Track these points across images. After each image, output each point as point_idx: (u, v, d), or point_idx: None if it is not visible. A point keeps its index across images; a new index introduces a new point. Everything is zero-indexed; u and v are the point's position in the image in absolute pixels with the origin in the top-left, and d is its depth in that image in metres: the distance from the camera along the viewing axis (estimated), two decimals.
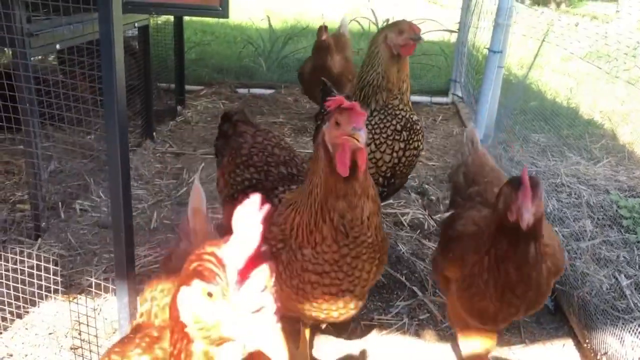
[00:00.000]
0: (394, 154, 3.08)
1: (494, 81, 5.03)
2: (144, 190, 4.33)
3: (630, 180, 4.60)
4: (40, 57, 4.74)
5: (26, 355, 2.64)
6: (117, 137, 1.99)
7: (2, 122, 3.63)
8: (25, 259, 2.54)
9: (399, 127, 3.06)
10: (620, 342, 2.56)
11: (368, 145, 2.97)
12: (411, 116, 3.12)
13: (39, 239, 3.54)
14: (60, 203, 3.95)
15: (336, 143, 1.96)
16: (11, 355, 2.64)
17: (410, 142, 3.11)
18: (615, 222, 3.76)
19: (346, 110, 1.92)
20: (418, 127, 3.16)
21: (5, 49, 4.11)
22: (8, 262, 2.59)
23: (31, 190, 3.62)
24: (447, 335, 3.00)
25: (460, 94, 6.95)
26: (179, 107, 6.01)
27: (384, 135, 3.05)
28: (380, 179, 3.12)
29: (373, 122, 3.04)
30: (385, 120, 3.04)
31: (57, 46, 3.69)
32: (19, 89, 3.34)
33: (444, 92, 7.07)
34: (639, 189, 4.36)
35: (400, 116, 3.06)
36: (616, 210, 3.91)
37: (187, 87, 6.38)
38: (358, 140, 1.89)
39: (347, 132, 1.91)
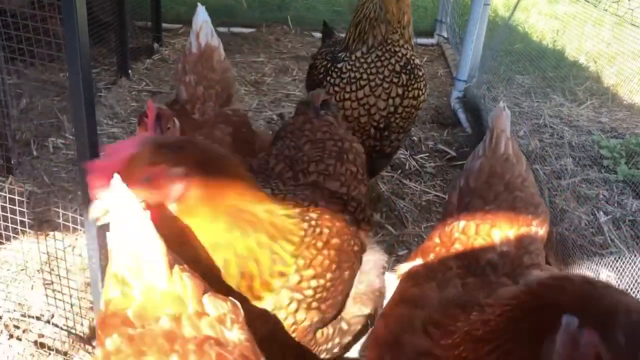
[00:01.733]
0: (390, 100, 2.82)
1: (480, 21, 4.91)
2: (119, 129, 4.22)
3: (612, 122, 4.58)
4: None
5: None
6: (81, 62, 1.86)
7: None
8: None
9: (397, 68, 2.79)
10: (596, 275, 2.58)
11: (361, 88, 2.77)
12: (412, 57, 2.84)
13: (10, 176, 3.44)
14: (32, 140, 3.83)
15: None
16: None
17: (410, 88, 2.84)
18: (596, 162, 3.75)
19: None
20: (420, 73, 2.89)
21: None
22: None
23: (0, 126, 3.49)
24: None
25: (445, 35, 6.80)
26: (155, 45, 5.80)
27: (380, 77, 2.78)
28: (372, 130, 2.90)
29: (369, 60, 2.77)
30: (382, 58, 2.77)
31: None
32: None
33: (430, 33, 6.91)
34: (621, 130, 4.35)
35: (400, 54, 2.78)
36: (597, 151, 3.89)
37: (165, 25, 6.14)
38: None
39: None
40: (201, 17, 2.84)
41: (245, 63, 5.66)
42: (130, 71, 5.08)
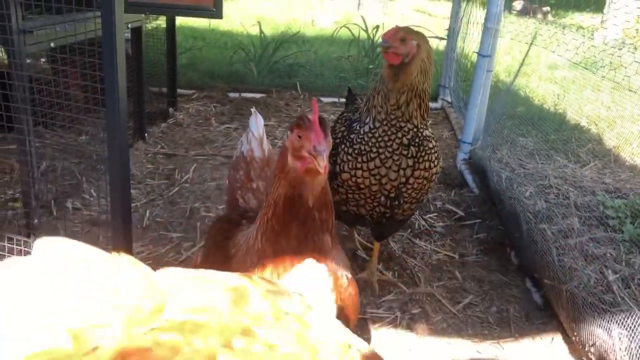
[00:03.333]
0: (401, 171, 2.85)
1: (483, 85, 5.12)
2: (136, 190, 4.34)
3: (616, 183, 4.68)
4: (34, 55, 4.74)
5: None
6: (118, 136, 2.02)
7: None
8: (21, 255, 2.54)
9: (405, 141, 2.82)
10: (608, 333, 2.61)
11: (372, 160, 2.85)
12: (421, 130, 2.86)
13: (31, 237, 3.53)
14: (52, 201, 3.95)
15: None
16: None
17: (420, 160, 2.86)
18: (602, 221, 3.83)
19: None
20: (431, 145, 2.90)
21: None
22: (3, 255, 2.60)
23: (24, 187, 3.62)
24: (439, 329, 3.04)
25: (449, 99, 7.04)
26: (170, 110, 6.03)
27: (390, 150, 2.82)
28: (383, 198, 2.94)
29: (377, 135, 2.83)
30: (389, 133, 2.81)
31: (52, 44, 3.70)
32: (12, 88, 3.35)
33: (433, 98, 7.16)
34: (625, 190, 4.44)
35: (406, 129, 2.81)
36: (602, 211, 3.97)
37: (179, 90, 6.40)
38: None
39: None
40: (260, 122, 2.75)
41: None
42: (146, 134, 5.27)
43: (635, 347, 2.47)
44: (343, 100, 5.90)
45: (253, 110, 2.83)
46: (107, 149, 2.03)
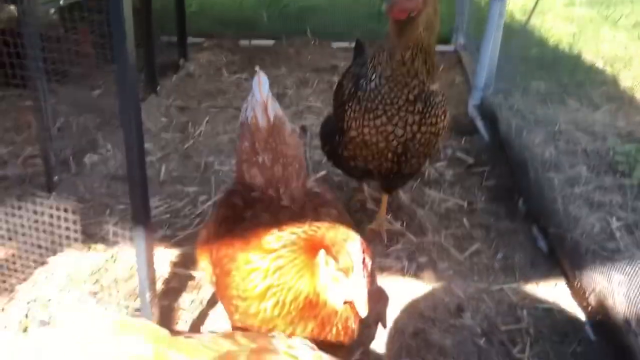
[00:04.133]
0: (408, 128, 2.88)
1: (496, 28, 5.02)
2: (150, 144, 4.43)
3: (628, 126, 4.66)
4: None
5: (49, 300, 2.82)
6: (129, 90, 2.07)
7: (7, 79, 3.71)
8: (44, 210, 2.67)
9: (411, 97, 2.84)
10: (608, 279, 2.71)
11: (379, 117, 2.86)
12: (427, 86, 2.86)
13: (53, 193, 3.68)
14: (70, 157, 4.07)
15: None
16: (35, 300, 2.82)
17: (427, 115, 2.88)
18: (611, 167, 3.86)
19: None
20: (437, 100, 2.89)
21: (11, 5, 4.14)
22: (28, 213, 2.74)
23: (42, 145, 3.74)
24: (445, 276, 3.16)
25: (462, 42, 6.92)
26: (181, 61, 6.03)
27: (396, 107, 2.84)
28: (390, 154, 2.99)
29: (383, 92, 2.84)
30: (395, 90, 2.83)
31: (61, 2, 3.73)
32: (25, 46, 3.41)
33: (447, 40, 7.04)
34: (637, 134, 4.43)
35: (412, 85, 2.82)
36: (612, 156, 4.00)
37: (189, 39, 6.36)
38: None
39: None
40: (265, 84, 2.47)
41: (268, 76, 5.85)
42: (158, 87, 5.32)
43: (634, 293, 2.57)
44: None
45: (257, 69, 2.58)
46: (119, 103, 2.09)
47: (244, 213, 2.19)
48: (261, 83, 2.46)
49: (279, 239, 1.95)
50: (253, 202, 2.24)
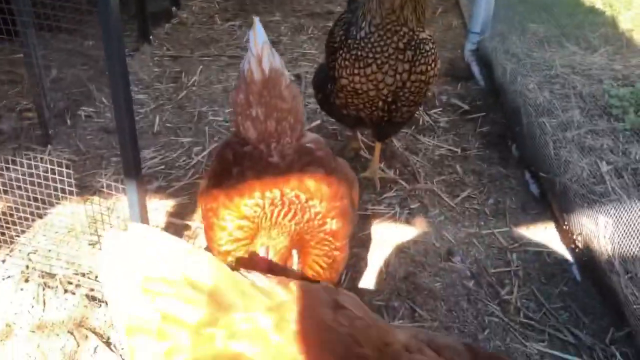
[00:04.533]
0: (398, 76, 2.89)
1: None
2: (144, 95, 4.43)
3: (625, 69, 4.61)
4: None
5: (49, 251, 2.89)
6: (114, 40, 2.06)
7: None
8: (40, 164, 2.71)
9: (401, 45, 2.82)
10: (595, 222, 2.76)
11: (369, 65, 2.85)
12: (417, 33, 2.84)
13: (49, 146, 3.70)
14: (65, 110, 4.07)
15: None
16: (36, 251, 2.90)
17: (417, 64, 2.87)
18: (605, 111, 3.85)
19: None
20: (427, 47, 2.87)
21: None
22: (23, 167, 2.77)
23: (35, 98, 3.74)
24: (436, 222, 3.22)
25: None
26: (173, 9, 5.93)
27: (386, 55, 2.83)
28: (381, 103, 2.99)
29: (372, 40, 2.82)
30: (385, 37, 2.81)
31: None
32: None
33: None
34: (633, 78, 4.39)
35: (402, 32, 2.80)
36: (607, 100, 3.98)
37: None
38: None
39: None
40: (260, 35, 2.34)
41: (261, 23, 5.75)
42: (151, 37, 5.25)
43: (618, 235, 2.62)
44: None
45: (255, 19, 2.42)
46: (105, 52, 2.08)
47: (232, 168, 2.19)
48: (256, 34, 2.34)
49: (254, 208, 2.04)
50: (243, 157, 2.23)
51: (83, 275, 2.75)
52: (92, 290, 2.67)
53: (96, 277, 2.72)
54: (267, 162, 2.18)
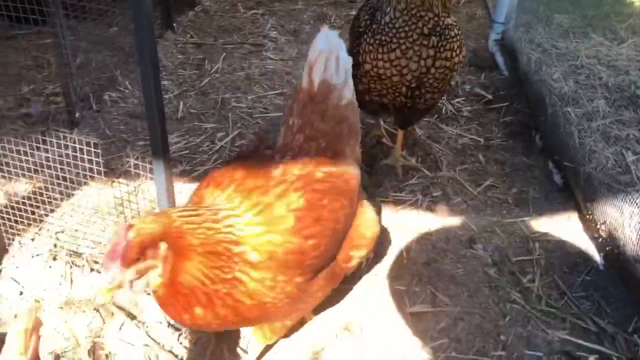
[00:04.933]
0: (422, 62, 2.86)
1: None
2: (168, 81, 4.47)
3: None
4: None
5: (76, 231, 2.95)
6: (145, 26, 2.09)
7: (27, 15, 3.73)
8: (69, 143, 2.75)
9: (426, 31, 2.80)
10: (620, 212, 2.74)
11: (393, 50, 2.83)
12: (442, 18, 2.82)
13: (75, 129, 3.77)
14: (90, 95, 4.14)
15: None
16: (63, 231, 2.96)
17: (442, 49, 2.85)
18: (632, 102, 3.80)
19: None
20: (453, 34, 2.83)
21: None
22: (53, 147, 2.82)
23: (63, 82, 3.80)
24: (458, 210, 3.22)
25: None
26: None
27: (410, 40, 2.81)
28: (404, 89, 2.98)
29: (397, 25, 2.80)
30: (409, 23, 2.79)
31: None
32: None
33: None
34: None
35: (426, 18, 2.78)
36: (634, 91, 3.93)
37: None
38: None
39: None
40: (319, 44, 2.17)
41: (284, 11, 5.79)
42: (174, 24, 5.29)
43: None
44: None
45: (324, 27, 2.27)
46: (135, 40, 2.12)
47: (236, 169, 2.03)
48: (318, 39, 2.20)
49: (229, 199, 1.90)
50: (249, 153, 2.16)
51: None
52: None
53: None
54: (260, 167, 2.00)
